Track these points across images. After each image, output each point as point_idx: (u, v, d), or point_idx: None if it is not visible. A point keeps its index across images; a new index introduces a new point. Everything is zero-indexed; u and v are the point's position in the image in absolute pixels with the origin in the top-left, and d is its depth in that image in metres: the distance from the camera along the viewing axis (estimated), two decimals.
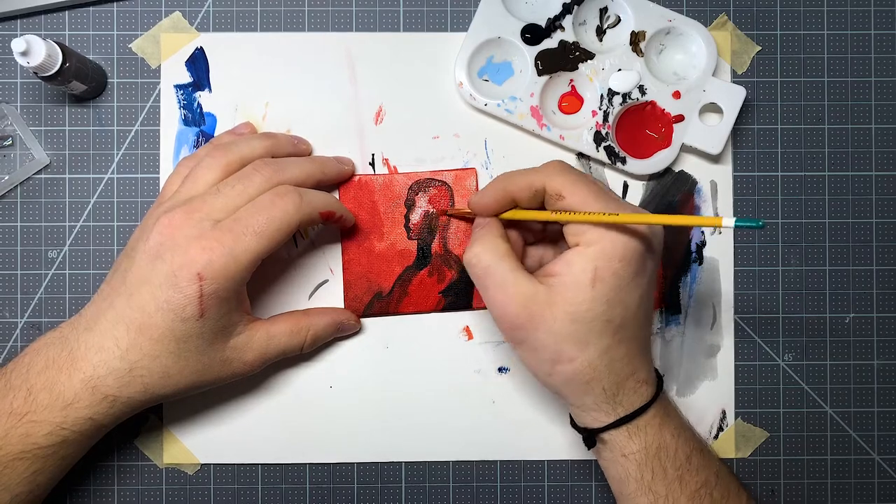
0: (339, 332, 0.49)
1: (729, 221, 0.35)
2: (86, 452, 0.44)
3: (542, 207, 0.43)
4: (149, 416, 0.50)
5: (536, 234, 0.46)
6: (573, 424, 0.45)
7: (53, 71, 0.44)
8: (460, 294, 0.50)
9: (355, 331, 0.50)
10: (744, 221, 0.34)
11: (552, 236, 0.47)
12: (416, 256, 0.50)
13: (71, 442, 0.41)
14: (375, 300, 0.50)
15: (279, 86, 0.51)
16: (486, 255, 0.41)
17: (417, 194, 0.50)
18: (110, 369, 0.41)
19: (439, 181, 0.50)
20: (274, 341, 0.45)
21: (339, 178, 0.49)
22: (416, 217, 0.50)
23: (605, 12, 0.51)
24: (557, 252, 0.46)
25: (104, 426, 0.43)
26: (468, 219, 0.50)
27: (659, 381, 0.43)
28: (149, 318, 0.40)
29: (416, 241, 0.50)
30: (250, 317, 0.45)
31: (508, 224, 0.45)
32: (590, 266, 0.39)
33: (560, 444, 0.51)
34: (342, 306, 0.50)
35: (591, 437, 0.43)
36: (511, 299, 0.40)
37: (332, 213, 0.46)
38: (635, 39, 0.50)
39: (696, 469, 0.42)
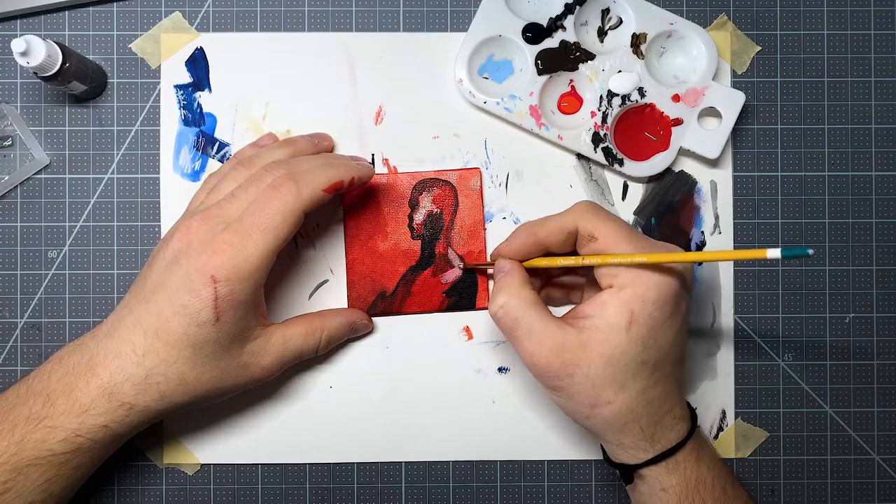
0: (353, 332, 0.49)
1: (774, 252, 0.32)
2: (100, 464, 0.44)
3: (573, 251, 0.43)
4: None
5: (558, 271, 0.46)
6: (607, 460, 0.45)
7: (53, 71, 0.44)
8: (464, 294, 0.50)
9: (368, 331, 0.50)
10: (791, 251, 0.32)
11: (575, 274, 0.47)
12: (420, 256, 0.50)
13: (85, 450, 0.41)
14: (379, 300, 0.50)
15: (279, 86, 0.51)
16: (513, 306, 0.41)
17: (421, 194, 0.50)
18: (127, 375, 0.41)
19: (443, 181, 0.50)
20: (290, 344, 0.45)
21: (361, 176, 0.45)
22: (419, 217, 0.50)
23: (607, 13, 0.51)
24: (580, 288, 0.46)
25: (119, 435, 0.42)
26: (484, 271, 0.50)
27: (693, 415, 0.43)
28: (165, 322, 0.40)
29: (419, 241, 0.50)
30: (265, 321, 0.44)
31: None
32: (625, 309, 0.39)
33: (560, 444, 0.51)
34: (344, 306, 0.50)
35: (629, 473, 0.43)
36: (543, 349, 0.40)
37: (339, 184, 0.43)
38: (636, 41, 0.50)
39: (731, 499, 0.42)
